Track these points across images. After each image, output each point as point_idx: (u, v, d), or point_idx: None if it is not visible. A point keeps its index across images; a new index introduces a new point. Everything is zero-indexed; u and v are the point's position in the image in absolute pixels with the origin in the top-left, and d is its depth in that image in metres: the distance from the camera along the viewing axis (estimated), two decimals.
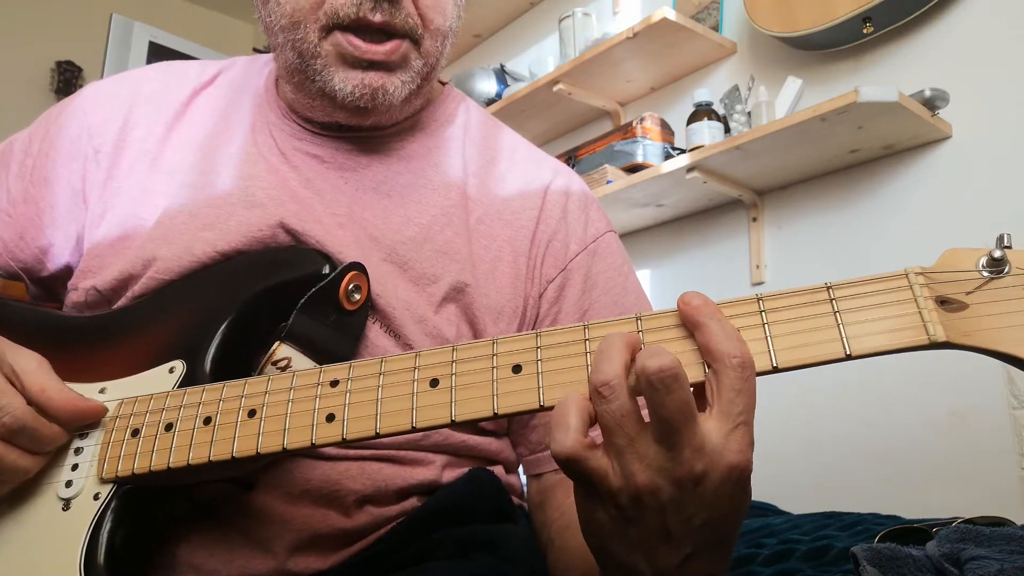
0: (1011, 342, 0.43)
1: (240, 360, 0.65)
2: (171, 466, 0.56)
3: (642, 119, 2.01)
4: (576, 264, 0.78)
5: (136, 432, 0.59)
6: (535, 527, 0.77)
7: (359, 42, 0.69)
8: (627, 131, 2.02)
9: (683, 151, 1.91)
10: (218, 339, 0.64)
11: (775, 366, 0.45)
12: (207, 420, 0.57)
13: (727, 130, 1.88)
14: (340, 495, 0.66)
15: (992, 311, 0.44)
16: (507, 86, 2.48)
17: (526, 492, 0.81)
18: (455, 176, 0.79)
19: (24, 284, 0.82)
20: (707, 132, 1.83)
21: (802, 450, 1.75)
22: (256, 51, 3.63)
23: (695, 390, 0.44)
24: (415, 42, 0.71)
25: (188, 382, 0.62)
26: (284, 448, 0.53)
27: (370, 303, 0.70)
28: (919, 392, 1.58)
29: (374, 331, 0.70)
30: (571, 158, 2.12)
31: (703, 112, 1.87)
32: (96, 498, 0.58)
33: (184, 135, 0.79)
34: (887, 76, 1.74)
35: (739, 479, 0.44)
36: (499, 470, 0.76)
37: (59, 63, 3.21)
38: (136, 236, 0.73)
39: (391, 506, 0.69)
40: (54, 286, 0.81)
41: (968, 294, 0.45)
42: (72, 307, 0.75)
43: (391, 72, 0.71)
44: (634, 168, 1.97)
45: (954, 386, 1.53)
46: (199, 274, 0.70)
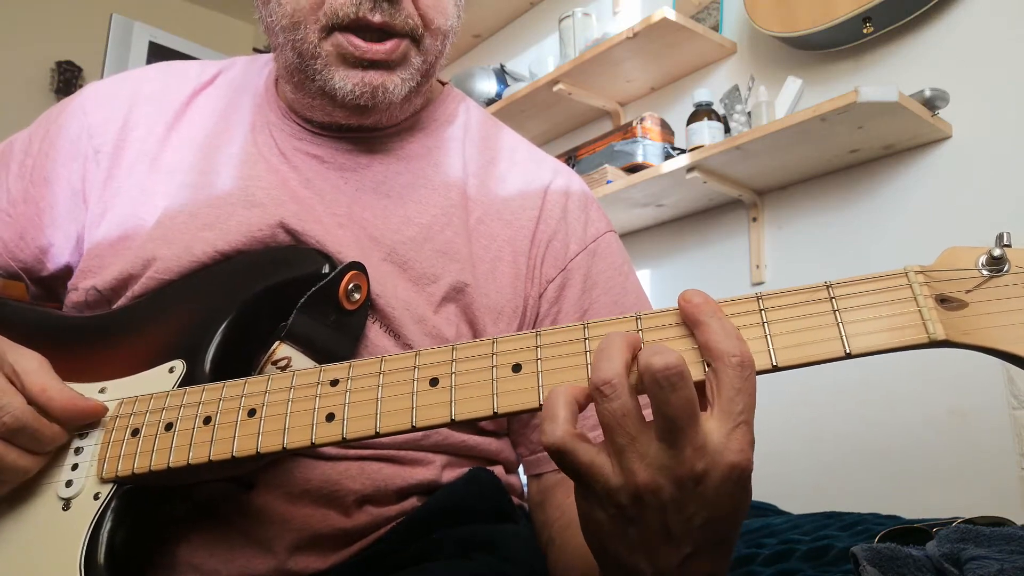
0: (1011, 340, 0.43)
1: (240, 360, 0.64)
2: (171, 466, 0.56)
3: (642, 119, 2.01)
4: (576, 264, 0.78)
5: (136, 432, 0.59)
6: (535, 527, 0.77)
7: (359, 42, 0.69)
8: (627, 131, 2.02)
9: (683, 151, 1.91)
10: (218, 339, 0.64)
11: (775, 365, 0.45)
12: (207, 420, 0.57)
13: (727, 130, 1.88)
14: (340, 495, 0.66)
15: (992, 309, 0.44)
16: (507, 86, 2.48)
17: (526, 492, 0.81)
18: (455, 176, 0.78)
19: (24, 284, 0.82)
20: (707, 132, 1.83)
21: (802, 450, 1.75)
22: (256, 51, 3.62)
23: (697, 389, 0.44)
24: (415, 41, 0.71)
25: (188, 382, 0.62)
26: (284, 447, 0.53)
27: (370, 303, 0.70)
28: (919, 392, 1.58)
29: (374, 331, 0.70)
30: (571, 158, 2.12)
31: (703, 112, 1.87)
32: (96, 498, 0.58)
33: (184, 135, 0.79)
34: (887, 76, 1.73)
35: (740, 478, 0.44)
36: (499, 470, 0.76)
37: (59, 63, 3.21)
38: (136, 236, 0.73)
39: (391, 506, 0.69)
40: (54, 286, 0.81)
41: (968, 292, 0.45)
42: (72, 307, 0.75)
43: (391, 71, 0.71)
44: (634, 168, 1.97)
45: (954, 386, 1.53)
46: (199, 274, 0.70)
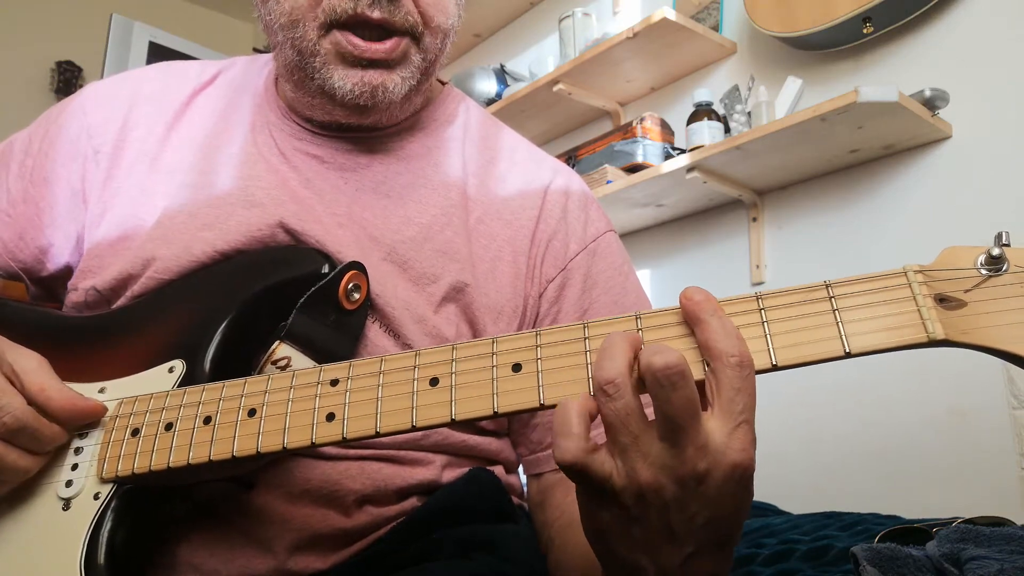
0: (1010, 340, 0.43)
1: (239, 360, 0.64)
2: (171, 465, 0.56)
3: (642, 119, 2.01)
4: (576, 264, 0.78)
5: (136, 432, 0.59)
6: (536, 526, 0.77)
7: (358, 41, 0.69)
8: (627, 131, 2.01)
9: (683, 151, 1.91)
10: (218, 339, 0.64)
11: (774, 364, 0.45)
12: (207, 419, 0.57)
13: (727, 130, 1.87)
14: (340, 495, 0.66)
15: (991, 309, 0.44)
16: (507, 86, 2.48)
17: (526, 492, 0.81)
18: (455, 176, 0.78)
19: (24, 284, 0.82)
20: (707, 132, 1.83)
21: (802, 450, 1.75)
22: (256, 51, 3.62)
23: (697, 389, 0.44)
24: (415, 39, 0.71)
25: (188, 381, 0.62)
26: (284, 447, 0.53)
27: (369, 302, 0.70)
28: (919, 392, 1.58)
29: (373, 331, 0.70)
30: (571, 158, 2.12)
31: (703, 112, 1.87)
32: (96, 498, 0.58)
33: (184, 135, 0.79)
34: (887, 76, 1.73)
35: (741, 478, 0.44)
36: (499, 470, 0.76)
37: (59, 63, 3.21)
38: (136, 236, 0.73)
39: (391, 506, 0.69)
40: (54, 286, 0.81)
41: (967, 292, 0.45)
42: (72, 307, 0.75)
43: (391, 69, 0.70)
44: (634, 168, 1.97)
45: (954, 386, 1.53)
46: (198, 274, 0.70)
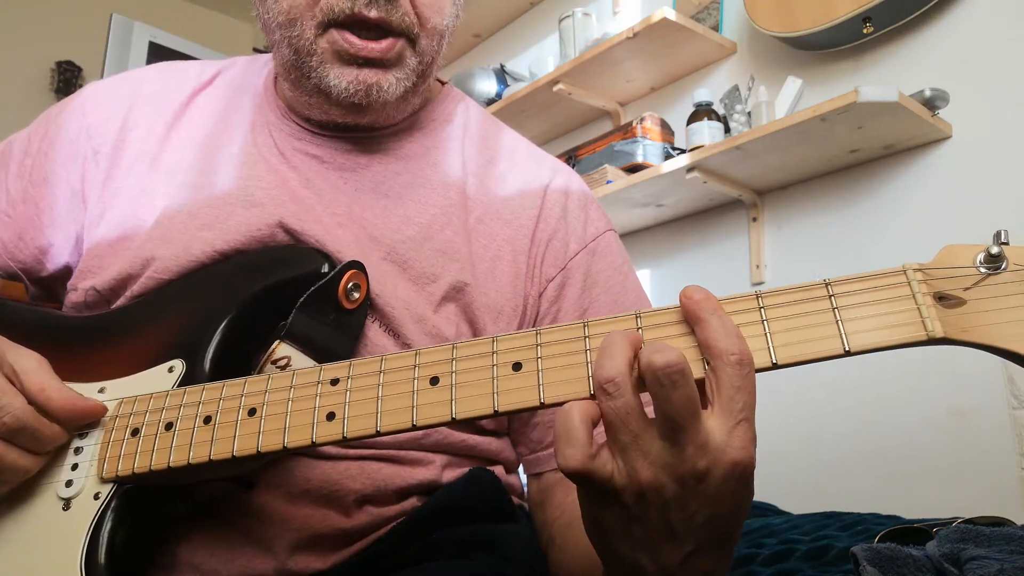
0: (1009, 338, 0.43)
1: (239, 359, 0.64)
2: (171, 465, 0.56)
3: (642, 119, 2.01)
4: (576, 263, 0.78)
5: (136, 431, 0.59)
6: (536, 526, 0.77)
7: (354, 39, 0.69)
8: (627, 131, 2.01)
9: (683, 151, 1.91)
10: (217, 338, 0.64)
11: (774, 362, 0.45)
12: (207, 419, 0.57)
13: (727, 130, 1.87)
14: (340, 495, 0.66)
15: (990, 307, 0.44)
16: (507, 86, 2.48)
17: (526, 491, 0.81)
18: (454, 176, 0.78)
19: (23, 284, 0.82)
20: (707, 132, 1.83)
21: (802, 449, 1.75)
22: (256, 51, 3.62)
23: (697, 387, 0.44)
24: (411, 40, 0.71)
25: (187, 381, 0.62)
26: (285, 447, 0.53)
27: (369, 302, 0.70)
28: (919, 391, 1.58)
29: (373, 330, 0.70)
30: (571, 158, 2.12)
31: (703, 112, 1.87)
32: (96, 498, 0.58)
33: (184, 135, 0.79)
34: (887, 76, 1.73)
35: (742, 476, 0.44)
36: (499, 470, 0.76)
37: (59, 63, 3.21)
38: (135, 236, 0.73)
39: (391, 506, 0.69)
40: (53, 286, 0.81)
41: (966, 290, 0.45)
42: (71, 307, 0.75)
43: (386, 69, 0.71)
44: (634, 168, 1.97)
45: (954, 386, 1.53)
46: (198, 273, 0.70)
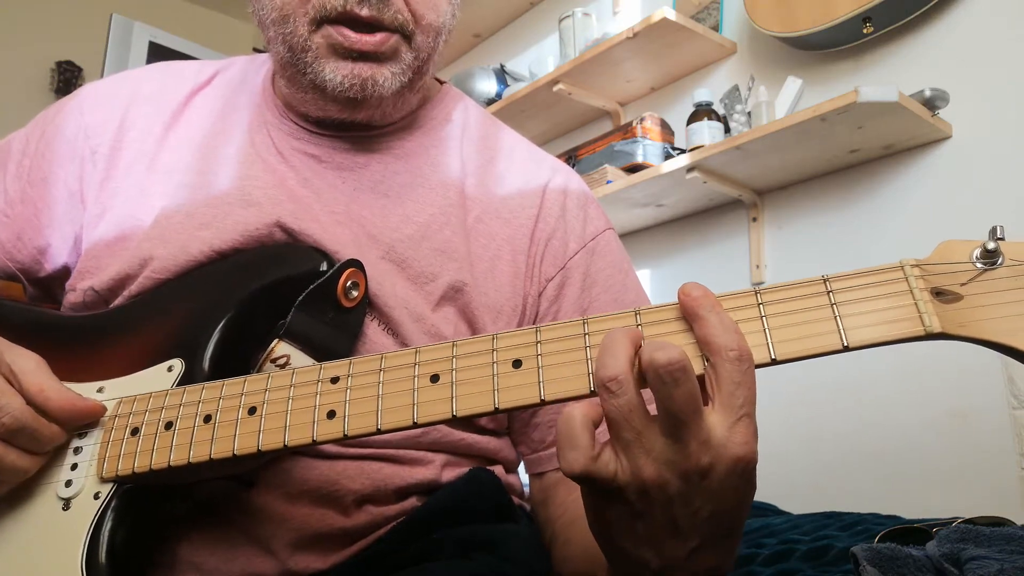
0: (1005, 332, 0.43)
1: (238, 358, 0.64)
2: (172, 464, 0.56)
3: (642, 119, 2.01)
4: (575, 262, 0.78)
5: (136, 431, 0.59)
6: (539, 524, 0.77)
7: (349, 32, 0.69)
8: (627, 131, 2.01)
9: (683, 151, 1.91)
10: (216, 337, 0.64)
11: (773, 358, 0.46)
12: (207, 418, 0.57)
13: (727, 130, 1.87)
14: (339, 494, 0.66)
15: (986, 302, 0.44)
16: (507, 86, 2.48)
17: (528, 490, 0.80)
18: (453, 175, 0.78)
19: (22, 285, 0.82)
20: (707, 132, 1.83)
21: (802, 450, 1.75)
22: (256, 51, 3.62)
23: (698, 383, 0.44)
24: (406, 37, 0.71)
25: (186, 380, 0.62)
26: (285, 445, 0.53)
27: (368, 300, 0.70)
28: (919, 392, 1.58)
29: (372, 328, 0.70)
30: (571, 158, 2.12)
31: (703, 112, 1.87)
32: (96, 497, 0.58)
33: (182, 135, 0.79)
34: (887, 76, 1.73)
35: (744, 471, 0.44)
36: (499, 470, 0.76)
37: (59, 63, 3.21)
38: (133, 237, 0.73)
39: (390, 505, 0.69)
40: (52, 287, 0.81)
41: (963, 285, 0.45)
42: (70, 308, 0.75)
43: (381, 63, 0.71)
44: (634, 168, 1.97)
45: (954, 386, 1.53)
46: (196, 273, 0.70)
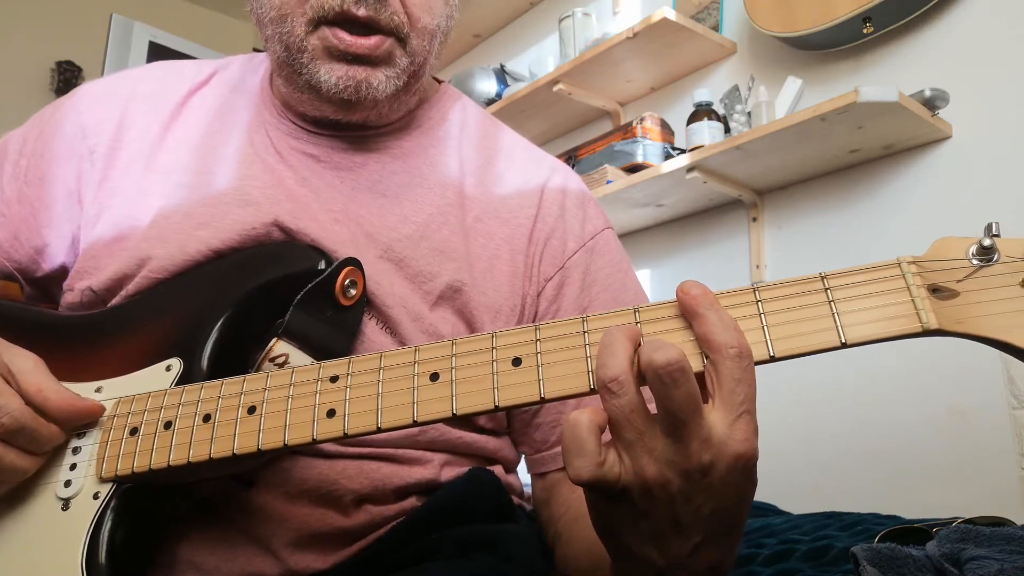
0: (1001, 328, 0.44)
1: (236, 357, 0.64)
2: (171, 464, 0.56)
3: (642, 119, 2.01)
4: (574, 262, 0.78)
5: (135, 431, 0.59)
6: (541, 522, 0.77)
7: (344, 35, 0.69)
8: (627, 131, 2.01)
9: (683, 151, 1.91)
10: (214, 336, 0.64)
11: (772, 355, 0.46)
12: (206, 417, 0.57)
13: (727, 130, 1.87)
14: (338, 494, 0.66)
15: (982, 298, 0.45)
16: (507, 86, 2.48)
17: (530, 489, 0.80)
18: (451, 175, 0.78)
19: (19, 284, 0.82)
20: (707, 132, 1.83)
21: (802, 449, 1.75)
22: (256, 51, 3.61)
23: (697, 381, 0.44)
24: (400, 40, 0.71)
25: (185, 380, 0.62)
26: (285, 444, 0.53)
27: (366, 299, 0.70)
28: (918, 391, 1.58)
29: (370, 327, 0.70)
30: (571, 158, 2.12)
31: (703, 112, 1.87)
32: (96, 497, 0.58)
33: (180, 135, 0.79)
34: (887, 76, 1.73)
35: (745, 468, 0.44)
36: (498, 469, 0.76)
37: (59, 63, 3.21)
38: (131, 236, 0.73)
39: (389, 505, 0.69)
40: (49, 286, 0.81)
41: (959, 282, 0.45)
42: (67, 308, 0.75)
43: (375, 67, 0.71)
44: (634, 168, 1.97)
45: (954, 385, 1.52)
46: (194, 272, 0.70)
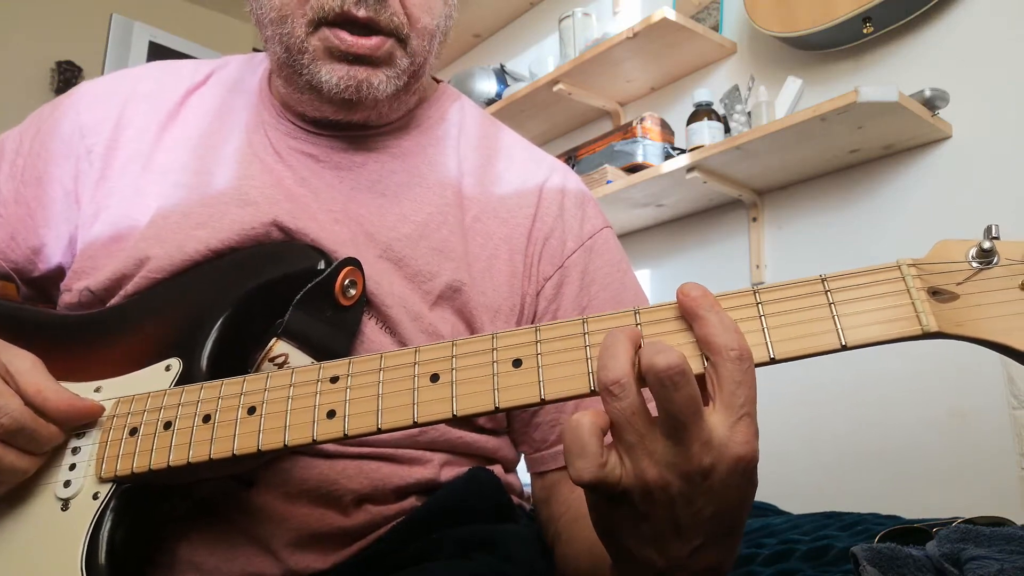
0: (1000, 331, 0.44)
1: (236, 357, 0.64)
2: (171, 464, 0.56)
3: (642, 119, 2.01)
4: (573, 261, 0.78)
5: (134, 431, 0.59)
6: (541, 521, 0.77)
7: (345, 35, 0.69)
8: (627, 131, 2.01)
9: (683, 151, 1.91)
10: (214, 336, 0.64)
11: (772, 357, 0.46)
12: (206, 418, 0.57)
13: (727, 130, 1.87)
14: (338, 494, 0.66)
15: (982, 301, 0.45)
16: (507, 86, 2.47)
17: (530, 489, 0.80)
18: (450, 175, 0.78)
19: (15, 284, 0.82)
20: (707, 132, 1.83)
21: (802, 450, 1.75)
22: (256, 51, 3.61)
23: (698, 383, 0.44)
24: (401, 41, 0.71)
25: (184, 380, 0.61)
26: (285, 444, 0.53)
27: (365, 299, 0.70)
28: (919, 392, 1.58)
29: (370, 327, 0.70)
30: (571, 158, 2.12)
31: (703, 112, 1.87)
32: (95, 497, 0.58)
33: (178, 135, 0.78)
34: (887, 76, 1.73)
35: (745, 470, 0.44)
36: (498, 469, 0.76)
37: (59, 63, 3.21)
38: (129, 237, 0.73)
39: (389, 505, 0.69)
40: (46, 287, 0.81)
41: (959, 284, 0.45)
42: (65, 308, 0.75)
43: (376, 67, 0.71)
44: (634, 168, 1.97)
45: (954, 386, 1.52)
46: (192, 272, 0.70)
